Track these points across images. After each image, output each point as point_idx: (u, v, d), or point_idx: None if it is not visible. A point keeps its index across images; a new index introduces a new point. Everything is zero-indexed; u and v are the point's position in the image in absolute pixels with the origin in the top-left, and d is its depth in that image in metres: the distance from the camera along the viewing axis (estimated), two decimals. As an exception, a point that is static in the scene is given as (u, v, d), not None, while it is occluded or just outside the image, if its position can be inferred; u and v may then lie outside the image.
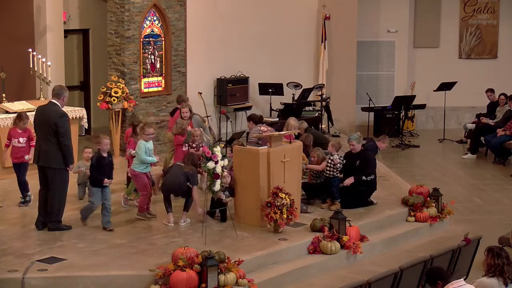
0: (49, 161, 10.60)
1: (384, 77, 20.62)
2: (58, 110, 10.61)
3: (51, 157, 10.57)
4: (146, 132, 11.20)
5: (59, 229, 10.69)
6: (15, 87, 15.42)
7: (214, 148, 10.44)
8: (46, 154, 10.60)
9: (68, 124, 10.71)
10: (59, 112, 10.61)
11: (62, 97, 10.73)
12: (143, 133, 11.24)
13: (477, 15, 20.94)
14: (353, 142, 12.13)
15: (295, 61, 18.85)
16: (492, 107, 18.11)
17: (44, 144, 10.61)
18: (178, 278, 8.90)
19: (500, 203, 13.68)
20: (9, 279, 8.97)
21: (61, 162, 10.58)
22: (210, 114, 17.09)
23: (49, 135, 10.53)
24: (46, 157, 10.61)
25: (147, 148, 11.13)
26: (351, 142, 12.16)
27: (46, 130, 10.57)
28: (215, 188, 10.42)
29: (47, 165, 10.65)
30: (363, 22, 19.56)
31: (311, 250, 10.41)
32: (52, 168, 10.63)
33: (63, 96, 10.74)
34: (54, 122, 10.47)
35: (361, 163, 12.02)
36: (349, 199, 11.86)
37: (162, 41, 16.30)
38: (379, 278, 7.82)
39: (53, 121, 10.48)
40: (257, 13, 18.23)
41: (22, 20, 15.79)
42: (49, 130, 10.52)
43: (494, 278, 7.35)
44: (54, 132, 10.48)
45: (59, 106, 10.66)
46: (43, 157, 10.65)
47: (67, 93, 10.86)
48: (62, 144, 10.49)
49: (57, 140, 10.50)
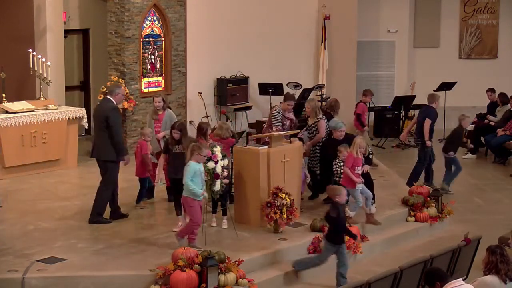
0: (100, 154, 11.03)
1: (384, 77, 20.62)
2: (110, 104, 11.06)
3: (101, 150, 11.00)
4: (202, 153, 9.93)
5: (99, 222, 10.94)
6: (15, 87, 15.42)
7: (214, 148, 10.44)
8: (98, 147, 11.06)
9: (118, 118, 11.07)
10: (111, 106, 11.04)
11: (114, 94, 11.16)
12: (199, 153, 9.90)
13: (477, 15, 20.94)
14: (343, 128, 12.00)
15: (295, 61, 18.85)
16: (492, 107, 18.10)
17: (97, 137, 11.14)
18: (178, 278, 8.90)
19: (500, 203, 13.69)
20: (9, 279, 8.97)
21: (111, 155, 10.91)
22: (210, 114, 17.09)
23: (101, 128, 10.97)
24: (98, 150, 11.06)
25: (197, 170, 9.87)
26: (342, 129, 11.95)
27: (99, 124, 11.07)
28: (215, 188, 10.42)
29: (99, 157, 11.08)
30: (363, 22, 19.55)
31: (311, 250, 10.41)
32: (102, 161, 11.05)
33: (115, 93, 11.16)
34: (105, 115, 10.91)
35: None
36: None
37: (162, 41, 16.30)
38: (379, 278, 7.83)
39: (104, 114, 10.93)
40: (257, 13, 18.23)
41: (22, 20, 15.79)
42: (101, 124, 10.96)
43: (495, 276, 7.37)
44: (105, 126, 10.87)
45: (113, 102, 11.07)
46: (96, 151, 11.12)
47: (120, 90, 11.32)
48: (110, 137, 10.82)
49: (108, 133, 10.87)
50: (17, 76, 15.46)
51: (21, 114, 13.77)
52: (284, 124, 12.40)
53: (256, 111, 18.21)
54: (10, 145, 13.55)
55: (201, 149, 9.89)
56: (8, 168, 13.59)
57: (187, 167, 9.83)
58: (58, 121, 14.20)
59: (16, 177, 13.56)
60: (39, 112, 14.05)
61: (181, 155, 10.48)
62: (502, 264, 7.40)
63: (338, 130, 11.95)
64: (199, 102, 16.97)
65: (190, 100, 17.03)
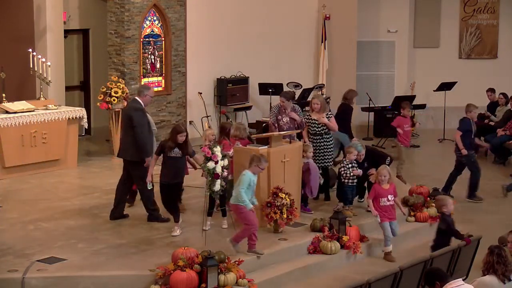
0: (125, 154, 11.10)
1: (384, 77, 20.62)
2: (135, 105, 11.14)
3: (126, 150, 11.07)
4: (261, 165, 9.78)
5: (156, 219, 11.01)
6: (15, 87, 15.42)
7: (214, 148, 10.44)
8: (123, 147, 11.13)
9: (142, 118, 11.07)
10: (135, 106, 11.12)
11: (143, 95, 11.23)
12: (258, 165, 9.75)
13: (477, 15, 20.94)
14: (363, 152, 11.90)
15: (295, 61, 18.85)
16: (492, 107, 18.10)
17: (123, 137, 11.24)
18: (178, 278, 8.90)
19: (500, 203, 13.68)
20: (9, 279, 8.97)
21: (135, 155, 10.95)
22: (210, 114, 17.10)
23: (127, 129, 11.09)
24: (123, 150, 11.13)
25: (252, 182, 9.79)
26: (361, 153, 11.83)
27: (125, 124, 11.21)
28: (215, 188, 10.41)
29: (124, 157, 11.14)
30: (363, 22, 19.55)
31: (311, 250, 10.41)
32: (127, 161, 11.13)
33: (144, 94, 11.22)
34: (130, 115, 11.01)
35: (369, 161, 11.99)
36: None
37: (162, 41, 16.31)
38: (379, 278, 7.83)
39: (129, 115, 11.04)
40: (257, 13, 18.23)
41: (22, 20, 15.79)
42: (127, 125, 11.09)
43: (494, 276, 7.38)
44: (130, 126, 10.96)
45: (140, 103, 11.14)
46: (121, 151, 11.20)
47: (148, 92, 11.33)
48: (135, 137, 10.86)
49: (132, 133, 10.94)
50: (17, 76, 15.46)
51: (21, 114, 13.77)
52: (280, 120, 12.32)
53: (256, 111, 18.21)
54: (10, 145, 13.55)
55: (261, 162, 9.78)
56: (8, 168, 13.59)
57: (243, 176, 9.66)
58: (58, 121, 14.20)
59: (16, 177, 13.56)
60: (39, 112, 14.05)
61: (179, 160, 10.47)
62: (498, 264, 7.41)
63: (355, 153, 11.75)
64: (199, 102, 16.97)
65: (190, 100, 17.03)
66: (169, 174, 10.48)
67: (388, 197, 10.61)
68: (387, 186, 10.62)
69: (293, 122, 12.35)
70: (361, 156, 11.87)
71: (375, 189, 10.64)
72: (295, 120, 12.35)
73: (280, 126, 12.26)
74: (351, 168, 11.68)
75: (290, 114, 12.36)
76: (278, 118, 12.33)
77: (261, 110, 18.29)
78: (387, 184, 10.61)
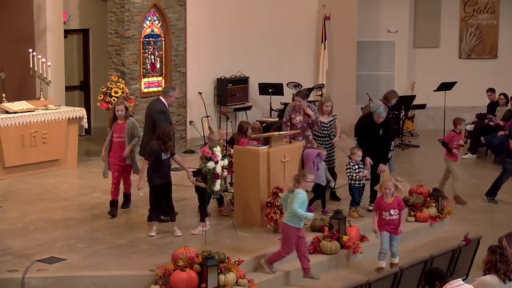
0: (143, 153, 11.11)
1: (384, 77, 20.61)
2: (159, 106, 11.21)
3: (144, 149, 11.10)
4: (308, 179, 9.64)
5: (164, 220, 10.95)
6: (15, 87, 15.42)
7: (214, 148, 10.45)
8: (144, 146, 11.16)
9: (165, 120, 11.10)
10: (159, 108, 11.20)
11: (168, 95, 11.31)
12: (305, 180, 9.60)
13: (477, 15, 20.93)
14: (382, 115, 11.83)
15: (295, 61, 18.84)
16: (492, 107, 18.10)
17: (145, 136, 11.30)
18: (178, 278, 8.90)
19: (500, 203, 13.68)
20: (9, 279, 8.98)
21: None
22: (210, 114, 17.09)
23: (148, 128, 11.16)
24: (144, 149, 11.12)
25: (305, 199, 9.67)
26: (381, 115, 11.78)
27: (147, 123, 11.29)
28: (215, 188, 10.42)
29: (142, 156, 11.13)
30: (363, 22, 19.55)
31: (311, 250, 10.40)
32: None
33: (169, 95, 11.30)
34: (152, 116, 11.10)
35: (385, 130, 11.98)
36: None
37: (162, 41, 16.31)
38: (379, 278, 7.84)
39: (152, 115, 11.11)
40: (257, 13, 18.23)
41: (22, 20, 15.79)
42: (149, 124, 11.15)
43: (494, 276, 7.38)
44: (151, 128, 11.00)
45: (163, 103, 11.21)
46: (142, 149, 11.26)
47: (174, 92, 11.43)
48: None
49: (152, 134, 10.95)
50: (17, 76, 15.46)
51: (21, 114, 13.77)
52: (293, 118, 12.25)
53: (256, 111, 18.21)
54: (10, 145, 13.55)
55: (306, 175, 9.67)
56: (8, 168, 13.59)
57: (298, 195, 9.46)
58: (58, 121, 14.21)
59: (16, 177, 13.57)
60: (39, 112, 14.05)
61: (168, 160, 10.55)
62: (501, 263, 7.41)
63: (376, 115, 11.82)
64: (199, 102, 16.96)
65: (190, 100, 17.03)
66: (163, 175, 10.48)
67: (390, 211, 10.06)
68: (391, 200, 10.06)
69: (306, 121, 12.22)
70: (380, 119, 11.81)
71: (378, 202, 10.21)
72: (309, 118, 12.24)
73: (294, 125, 12.22)
74: (357, 169, 11.68)
75: (306, 109, 12.18)
76: (292, 117, 12.28)
77: (261, 110, 18.29)
78: (391, 197, 10.07)
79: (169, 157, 10.56)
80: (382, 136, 11.98)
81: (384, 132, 11.99)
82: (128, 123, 11.31)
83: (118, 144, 11.31)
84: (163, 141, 10.40)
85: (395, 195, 10.10)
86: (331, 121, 12.58)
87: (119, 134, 11.30)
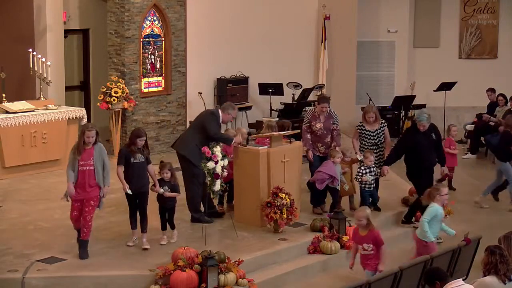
0: (183, 149, 11.01)
1: (384, 77, 20.61)
2: (214, 112, 11.25)
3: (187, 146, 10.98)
4: (442, 193, 9.41)
5: (199, 221, 10.90)
6: (15, 87, 15.41)
7: (214, 148, 10.45)
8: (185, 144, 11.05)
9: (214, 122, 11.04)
10: (210, 110, 11.43)
11: (226, 112, 11.22)
12: (440, 194, 9.41)
13: (477, 15, 20.93)
14: (424, 124, 11.50)
15: (295, 61, 18.84)
16: (492, 107, 18.10)
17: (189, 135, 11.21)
18: (178, 278, 8.91)
19: (500, 203, 13.68)
20: (9, 279, 8.98)
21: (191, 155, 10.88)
22: (210, 114, 17.08)
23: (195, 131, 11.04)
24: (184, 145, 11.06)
25: (439, 214, 9.45)
26: (423, 123, 11.47)
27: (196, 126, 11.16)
28: (215, 188, 10.42)
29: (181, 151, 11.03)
30: (363, 22, 19.55)
31: (311, 250, 10.41)
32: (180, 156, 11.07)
33: (227, 112, 11.21)
34: (204, 125, 10.97)
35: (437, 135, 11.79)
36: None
37: (162, 41, 16.30)
38: (379, 278, 7.84)
39: (202, 124, 11.01)
40: (257, 13, 18.23)
41: (22, 20, 15.78)
42: (197, 129, 11.03)
43: (494, 277, 7.38)
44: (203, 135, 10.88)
45: (219, 117, 11.10)
46: (181, 145, 11.13)
47: (232, 112, 11.31)
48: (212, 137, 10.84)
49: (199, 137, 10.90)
50: (17, 76, 15.46)
51: (21, 114, 13.77)
52: (313, 125, 12.10)
53: (256, 111, 18.21)
54: (10, 145, 13.55)
55: (440, 189, 9.55)
56: (8, 168, 13.59)
57: (430, 208, 9.40)
58: (58, 121, 14.21)
59: (16, 177, 13.57)
60: (39, 112, 14.05)
61: (141, 165, 9.97)
62: (501, 264, 7.41)
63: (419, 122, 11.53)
64: (199, 102, 16.96)
65: (190, 100, 17.03)
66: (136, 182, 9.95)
67: (363, 245, 9.13)
68: (365, 232, 9.10)
69: (327, 128, 12.13)
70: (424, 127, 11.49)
71: (354, 233, 9.47)
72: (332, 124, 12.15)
73: (314, 132, 12.14)
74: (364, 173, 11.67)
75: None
76: (312, 124, 12.19)
77: (261, 110, 18.28)
78: (365, 230, 9.11)
79: (141, 162, 9.95)
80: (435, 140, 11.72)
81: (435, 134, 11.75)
82: (96, 148, 9.72)
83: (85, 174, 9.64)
84: (130, 141, 10.02)
85: (371, 228, 9.12)
86: (377, 129, 12.28)
87: (86, 161, 9.63)
